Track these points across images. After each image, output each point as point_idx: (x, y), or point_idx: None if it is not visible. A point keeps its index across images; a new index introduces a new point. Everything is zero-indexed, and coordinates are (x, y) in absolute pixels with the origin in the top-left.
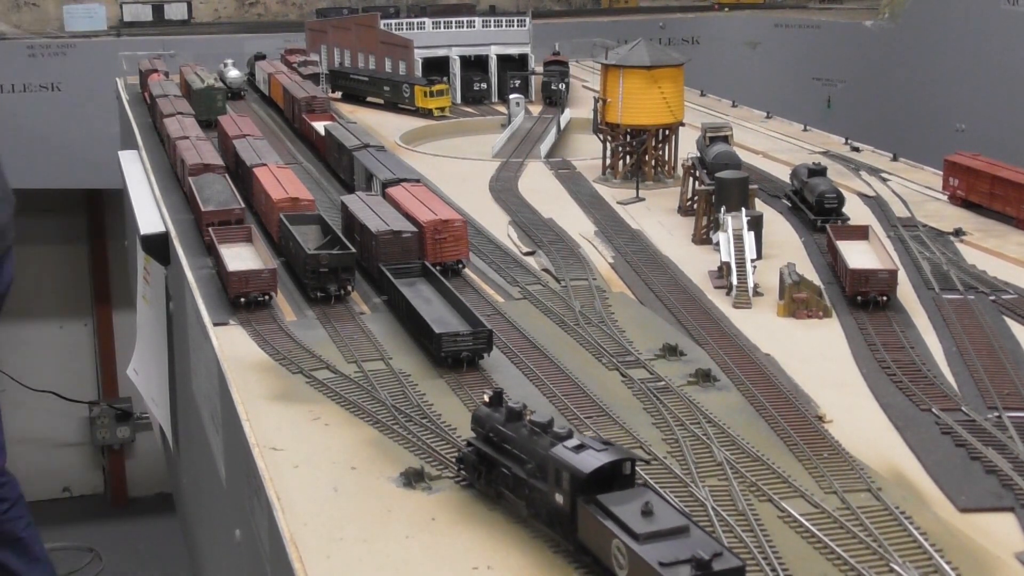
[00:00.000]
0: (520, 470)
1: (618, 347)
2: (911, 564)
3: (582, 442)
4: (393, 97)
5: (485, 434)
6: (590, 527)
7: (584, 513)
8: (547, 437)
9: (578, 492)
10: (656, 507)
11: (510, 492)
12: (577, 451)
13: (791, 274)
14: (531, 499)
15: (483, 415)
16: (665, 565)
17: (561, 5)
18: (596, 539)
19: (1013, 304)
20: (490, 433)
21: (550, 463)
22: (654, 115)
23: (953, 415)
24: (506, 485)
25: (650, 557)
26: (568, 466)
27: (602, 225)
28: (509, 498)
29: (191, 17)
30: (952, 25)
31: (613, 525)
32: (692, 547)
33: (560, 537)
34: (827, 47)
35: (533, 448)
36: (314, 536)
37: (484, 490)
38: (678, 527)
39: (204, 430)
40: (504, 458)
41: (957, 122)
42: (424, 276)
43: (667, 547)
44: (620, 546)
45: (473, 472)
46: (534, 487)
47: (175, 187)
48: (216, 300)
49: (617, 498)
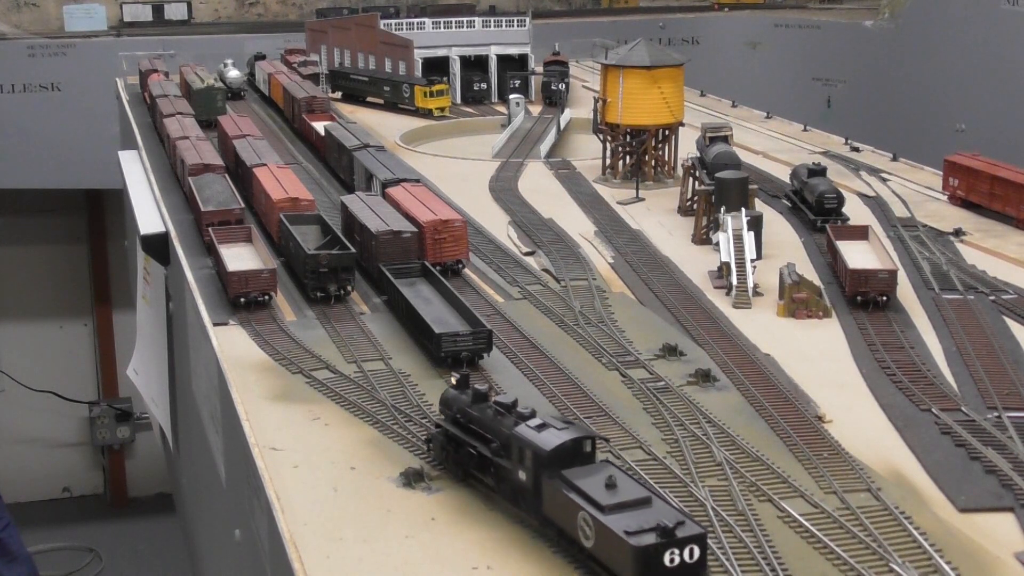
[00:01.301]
0: (485, 449)
1: (618, 347)
2: (911, 564)
3: (544, 421)
4: (393, 97)
5: (453, 416)
6: (555, 501)
7: (549, 488)
8: (511, 417)
9: (541, 469)
10: (619, 480)
11: (476, 471)
12: (539, 430)
13: (791, 274)
14: (496, 477)
15: (450, 397)
16: (631, 533)
17: (561, 5)
18: (562, 513)
19: (1013, 304)
20: (457, 414)
21: (513, 442)
22: (654, 115)
23: (953, 415)
24: (473, 464)
25: (616, 526)
26: (531, 444)
27: (602, 225)
28: (476, 477)
29: (191, 17)
30: (952, 25)
31: (578, 498)
32: (656, 516)
33: (525, 513)
34: (827, 47)
35: (498, 428)
36: (314, 536)
37: (452, 470)
38: (641, 498)
39: (204, 430)
40: (470, 438)
41: (957, 122)
42: (424, 276)
43: (632, 517)
44: (586, 518)
45: (441, 452)
46: (499, 465)
47: (175, 187)
48: (216, 300)
49: (581, 473)
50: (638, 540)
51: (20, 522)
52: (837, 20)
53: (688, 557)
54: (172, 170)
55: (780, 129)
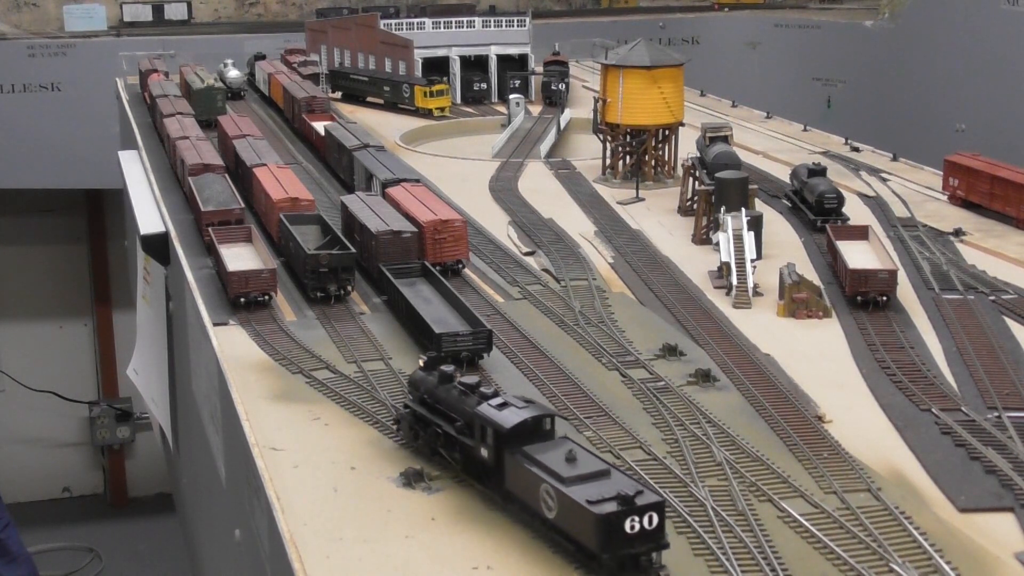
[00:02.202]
0: (450, 428)
1: (618, 347)
2: (911, 564)
3: (505, 400)
4: (393, 97)
5: (420, 396)
6: (517, 476)
7: (511, 463)
8: (474, 397)
9: (502, 445)
10: (578, 455)
11: (442, 449)
12: (500, 408)
13: (791, 274)
14: (461, 454)
15: (418, 379)
16: (593, 503)
17: (561, 5)
18: (524, 486)
19: (1013, 304)
20: (424, 395)
21: (476, 420)
22: (654, 115)
23: (953, 415)
24: (439, 443)
25: (578, 496)
26: (492, 422)
27: (602, 225)
28: (442, 455)
29: (191, 17)
30: (952, 25)
31: (540, 472)
32: (615, 487)
33: (488, 489)
34: (827, 47)
35: (462, 407)
36: (314, 536)
37: (420, 448)
38: (600, 470)
39: (204, 430)
40: (437, 418)
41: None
42: (424, 276)
43: (592, 487)
44: (548, 490)
45: (410, 432)
46: (463, 443)
47: (175, 187)
48: (216, 300)
49: (542, 448)
50: (600, 508)
51: (20, 522)
52: (837, 20)
53: (648, 524)
54: (172, 170)
55: (780, 129)
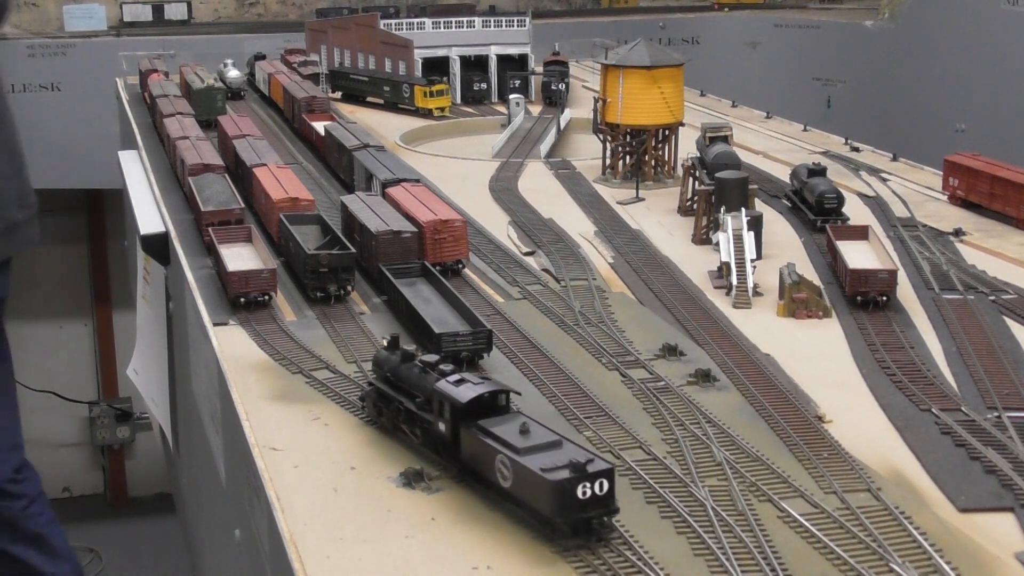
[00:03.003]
0: (411, 404)
1: (618, 347)
2: (911, 564)
3: (463, 377)
4: (393, 97)
5: (384, 375)
6: (473, 448)
7: (467, 436)
8: (434, 374)
9: (458, 420)
10: (532, 427)
11: (403, 425)
12: (457, 384)
13: (791, 274)
14: (421, 429)
15: (382, 358)
16: (546, 470)
17: (561, 5)
18: (479, 458)
19: (1013, 304)
20: (388, 373)
21: (434, 396)
22: (654, 115)
23: (953, 415)
24: (401, 419)
25: (532, 465)
26: (449, 397)
27: (602, 225)
28: (404, 430)
29: (191, 17)
30: (952, 25)
31: (495, 443)
32: (567, 456)
33: (446, 461)
34: (827, 47)
35: (422, 384)
36: (314, 536)
37: (384, 424)
38: (552, 441)
39: (204, 430)
40: (399, 395)
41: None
42: (424, 276)
43: (545, 457)
44: (504, 460)
45: (374, 409)
46: (423, 418)
47: (175, 187)
48: (216, 300)
49: (496, 421)
50: (553, 476)
51: None
52: (837, 20)
53: (599, 490)
54: (172, 170)
55: (780, 129)
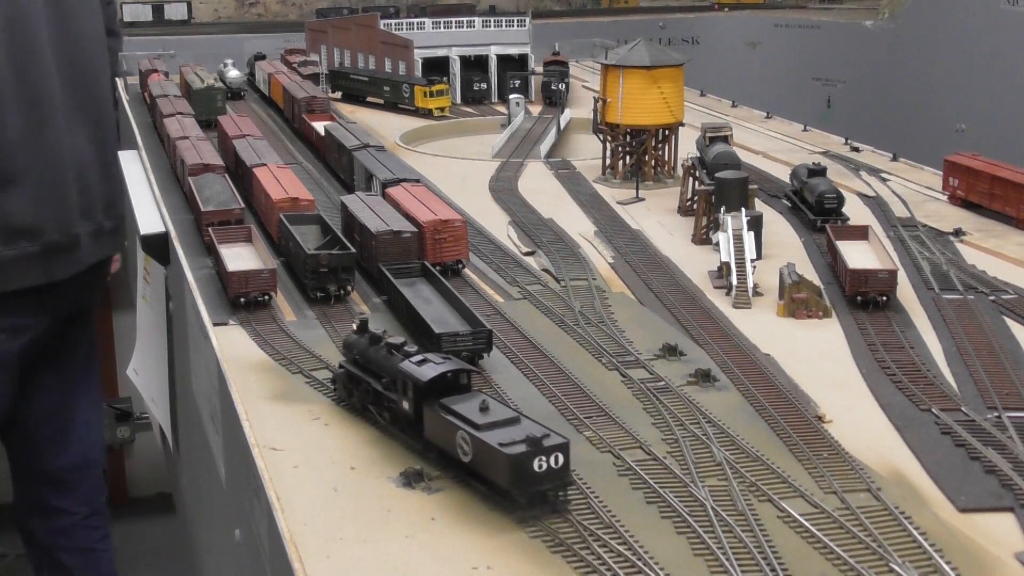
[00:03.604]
0: (378, 385)
1: (618, 347)
2: (911, 564)
3: (426, 357)
4: (393, 97)
5: (353, 357)
6: (436, 425)
7: (429, 414)
8: (399, 355)
9: (420, 398)
10: (491, 405)
11: (371, 405)
12: (420, 364)
13: (791, 274)
14: (388, 409)
15: (351, 341)
16: (504, 445)
17: (561, 5)
18: (441, 434)
19: (1013, 304)
20: (357, 356)
21: (399, 376)
22: (654, 115)
23: (953, 415)
24: (369, 400)
25: (491, 440)
26: (412, 376)
27: (602, 225)
28: (371, 410)
29: (191, 17)
30: (952, 25)
31: (456, 420)
32: (524, 431)
33: (410, 438)
34: (827, 47)
35: (388, 365)
36: (314, 536)
37: (353, 404)
38: (511, 418)
39: (204, 430)
40: (367, 376)
41: (957, 122)
42: (424, 276)
43: (504, 432)
44: (464, 436)
45: (344, 390)
46: (388, 398)
47: (175, 187)
48: (216, 300)
49: (457, 399)
50: (511, 450)
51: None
52: (837, 20)
53: (554, 463)
54: (172, 170)
55: (780, 129)
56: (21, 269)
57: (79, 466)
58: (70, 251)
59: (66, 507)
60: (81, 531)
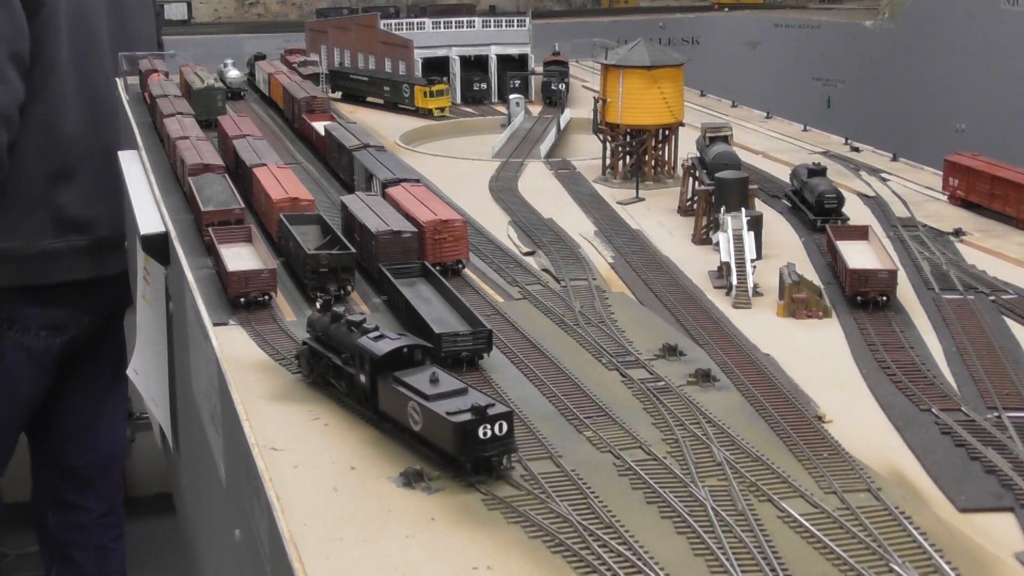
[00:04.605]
0: (338, 360)
1: (618, 347)
2: (911, 564)
3: (383, 333)
4: (393, 97)
5: (316, 334)
6: (389, 397)
7: (383, 386)
8: (358, 332)
9: (376, 371)
10: (441, 377)
11: (332, 379)
12: (377, 340)
13: (791, 274)
14: (346, 382)
15: (314, 319)
16: (451, 413)
17: (561, 5)
18: (394, 406)
19: (1013, 304)
20: (319, 333)
21: (356, 351)
22: (654, 115)
23: (953, 415)
24: (329, 374)
25: (439, 410)
26: (368, 351)
27: (602, 225)
28: (332, 384)
29: (191, 17)
30: (952, 25)
31: (407, 391)
32: (470, 401)
33: (366, 410)
34: (827, 47)
35: (348, 341)
36: (314, 536)
37: (315, 380)
38: (459, 389)
39: (204, 430)
40: (328, 352)
41: (957, 122)
42: (424, 276)
43: (451, 402)
44: (415, 406)
45: (307, 366)
46: (347, 372)
47: (175, 187)
48: (216, 300)
49: (409, 372)
50: (457, 418)
51: (21, 522)
52: (837, 20)
53: (498, 431)
54: (172, 170)
55: (780, 129)
56: (70, 261)
57: (102, 464)
58: (119, 248)
59: (85, 503)
60: (97, 528)
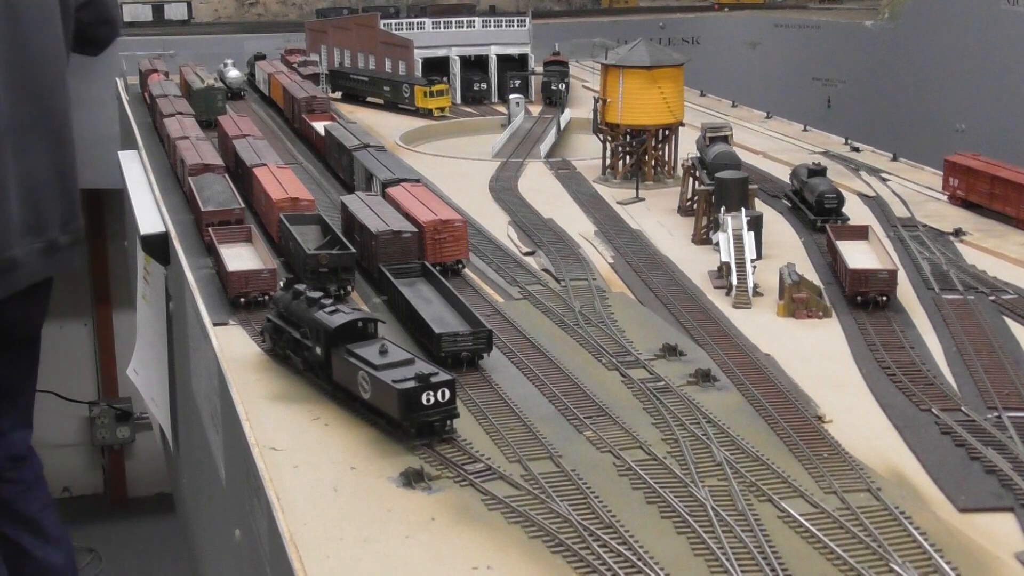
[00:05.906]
0: (297, 334)
1: (618, 347)
2: (910, 564)
3: (337, 308)
4: (393, 97)
5: (279, 311)
6: (342, 368)
7: (336, 358)
8: (316, 307)
9: (330, 343)
10: (390, 348)
11: (291, 352)
12: (331, 314)
13: (791, 274)
14: (304, 355)
15: (278, 297)
16: (397, 381)
17: (561, 5)
18: (346, 376)
19: (1013, 304)
20: (282, 310)
21: (312, 324)
22: (654, 115)
23: (953, 415)
24: (290, 347)
25: (386, 378)
26: (322, 324)
27: (602, 225)
28: (292, 357)
29: (191, 17)
30: (952, 25)
31: (358, 362)
32: (415, 370)
33: (321, 380)
34: (827, 47)
35: (306, 316)
36: (314, 536)
37: (279, 352)
38: (406, 359)
39: (204, 430)
40: (289, 327)
41: (957, 122)
42: (424, 276)
43: (398, 372)
44: (364, 375)
45: (271, 340)
46: (305, 345)
47: (175, 187)
48: (216, 300)
49: (361, 344)
50: (402, 386)
51: None
52: (837, 20)
53: (441, 397)
54: (172, 170)
55: (780, 129)
56: None
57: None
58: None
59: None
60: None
